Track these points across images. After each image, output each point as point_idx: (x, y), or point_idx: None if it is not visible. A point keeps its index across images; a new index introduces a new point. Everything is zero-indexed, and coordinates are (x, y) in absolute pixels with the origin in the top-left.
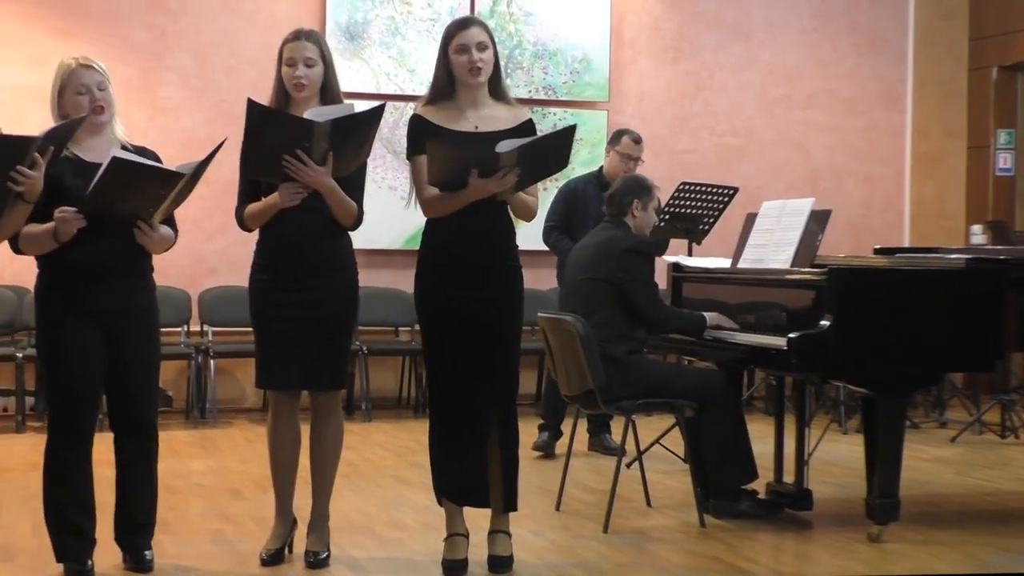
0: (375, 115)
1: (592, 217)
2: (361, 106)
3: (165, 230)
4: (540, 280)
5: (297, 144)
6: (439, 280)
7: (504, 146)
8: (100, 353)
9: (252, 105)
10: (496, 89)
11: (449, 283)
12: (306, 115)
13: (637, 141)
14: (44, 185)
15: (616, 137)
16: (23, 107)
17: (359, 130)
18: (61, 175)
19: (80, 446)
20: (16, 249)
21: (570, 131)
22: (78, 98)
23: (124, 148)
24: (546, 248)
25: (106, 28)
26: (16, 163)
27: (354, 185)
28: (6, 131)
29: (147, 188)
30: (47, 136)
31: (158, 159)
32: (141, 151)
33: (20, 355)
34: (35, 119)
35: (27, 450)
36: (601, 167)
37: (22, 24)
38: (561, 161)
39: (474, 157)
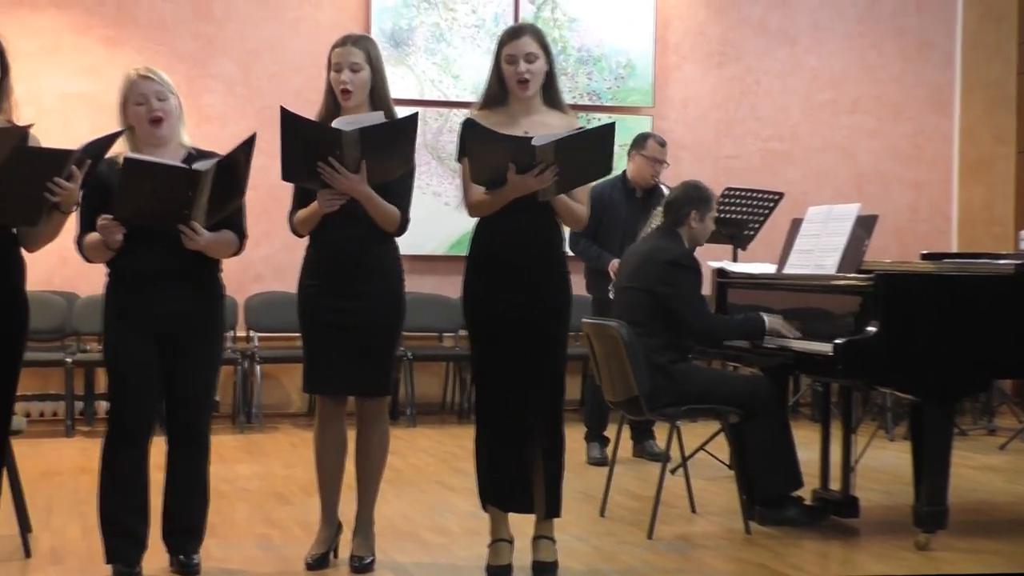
0: (408, 123)
1: (619, 222)
2: (403, 113)
3: (223, 234)
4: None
5: (329, 152)
6: (485, 282)
7: (541, 139)
8: (153, 359)
9: (284, 113)
10: (550, 96)
11: (495, 285)
12: (335, 123)
13: (663, 144)
14: (101, 194)
15: (641, 141)
16: (74, 115)
17: (396, 138)
18: (116, 183)
19: (131, 449)
20: (85, 257)
21: (609, 129)
22: (137, 108)
23: (189, 154)
24: None
25: (154, 37)
26: (54, 175)
27: (396, 192)
28: (57, 139)
29: (169, 188)
30: (84, 149)
31: None
32: (207, 156)
33: (69, 360)
34: (85, 126)
35: (76, 454)
36: (624, 172)
37: (73, 34)
38: (603, 165)
39: (512, 152)
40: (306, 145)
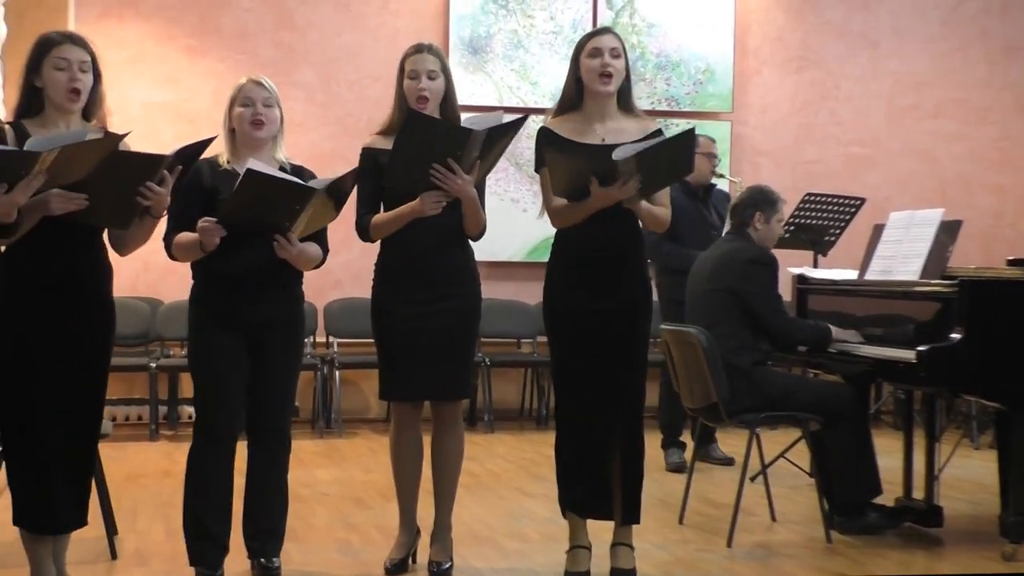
0: (518, 125)
1: (692, 221)
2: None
3: (310, 247)
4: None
5: (450, 152)
6: (567, 287)
7: (621, 153)
8: (244, 362)
9: (412, 114)
10: (624, 101)
11: (576, 290)
12: (463, 124)
13: (712, 140)
14: (196, 194)
15: None
16: (157, 123)
17: (508, 140)
18: (218, 187)
19: (220, 453)
20: (171, 256)
21: (689, 135)
22: (242, 110)
23: (282, 167)
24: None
25: (236, 46)
26: (146, 179)
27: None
28: (141, 147)
29: (281, 201)
30: (177, 155)
31: (314, 177)
32: (299, 170)
33: (154, 365)
34: (168, 135)
35: (160, 457)
36: None
37: (156, 44)
38: (685, 166)
39: (592, 166)
40: (429, 146)
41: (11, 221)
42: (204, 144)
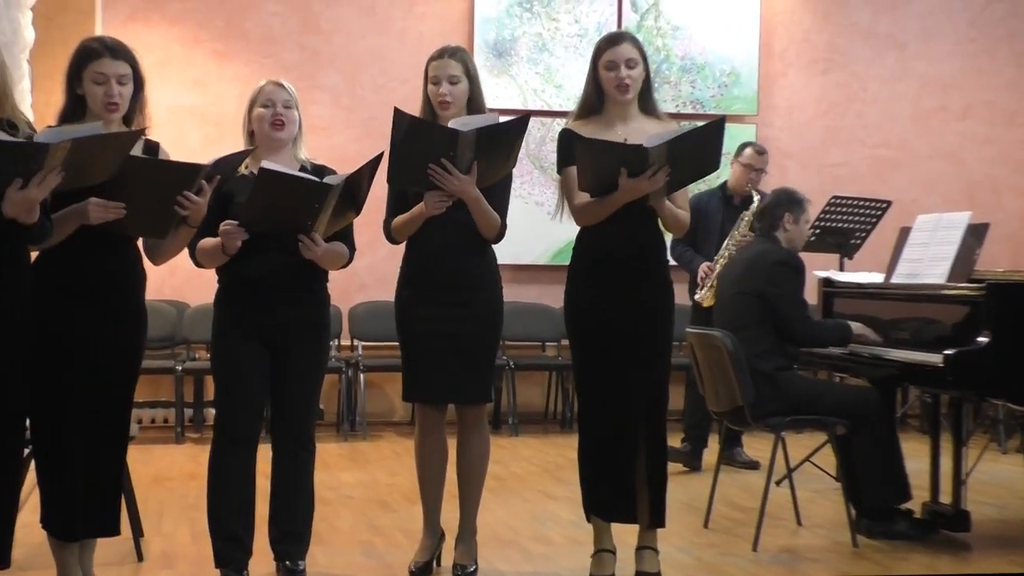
0: (520, 126)
1: (717, 230)
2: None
3: (336, 246)
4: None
5: (443, 153)
6: (589, 290)
7: (652, 140)
8: (265, 365)
9: (399, 114)
10: (646, 104)
11: (598, 293)
12: (451, 124)
13: (761, 152)
14: (219, 200)
15: (739, 149)
16: (184, 127)
17: (504, 140)
18: (235, 191)
19: (241, 456)
20: (196, 262)
21: (719, 124)
22: (262, 111)
23: (303, 167)
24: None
25: (262, 50)
26: (184, 189)
27: (498, 198)
28: (169, 151)
29: (299, 199)
30: (215, 165)
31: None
32: (320, 169)
33: (179, 368)
34: (195, 138)
35: (186, 460)
36: (725, 181)
37: (183, 48)
38: (712, 161)
39: (623, 157)
40: (420, 147)
41: (33, 220)
42: (242, 155)
